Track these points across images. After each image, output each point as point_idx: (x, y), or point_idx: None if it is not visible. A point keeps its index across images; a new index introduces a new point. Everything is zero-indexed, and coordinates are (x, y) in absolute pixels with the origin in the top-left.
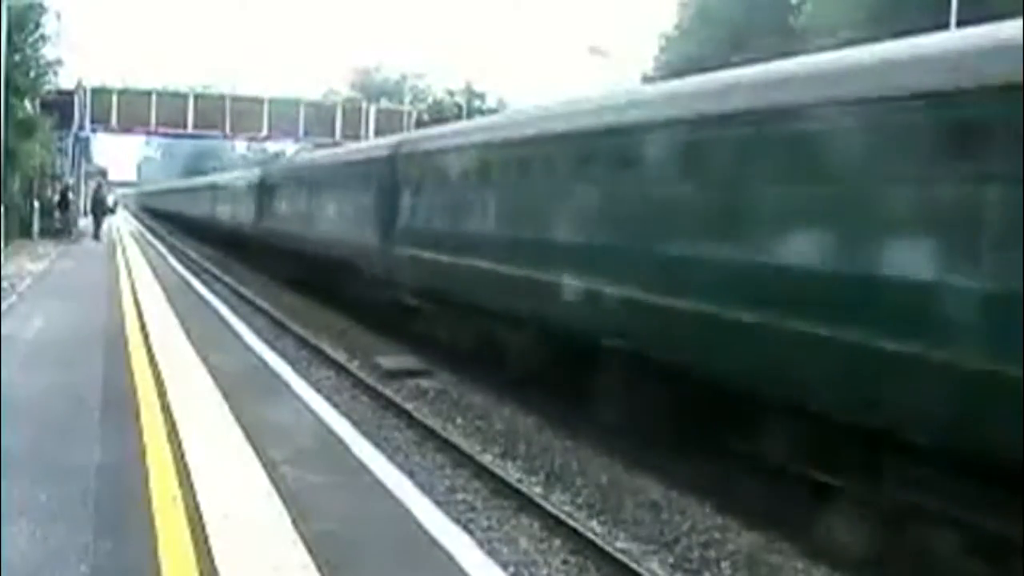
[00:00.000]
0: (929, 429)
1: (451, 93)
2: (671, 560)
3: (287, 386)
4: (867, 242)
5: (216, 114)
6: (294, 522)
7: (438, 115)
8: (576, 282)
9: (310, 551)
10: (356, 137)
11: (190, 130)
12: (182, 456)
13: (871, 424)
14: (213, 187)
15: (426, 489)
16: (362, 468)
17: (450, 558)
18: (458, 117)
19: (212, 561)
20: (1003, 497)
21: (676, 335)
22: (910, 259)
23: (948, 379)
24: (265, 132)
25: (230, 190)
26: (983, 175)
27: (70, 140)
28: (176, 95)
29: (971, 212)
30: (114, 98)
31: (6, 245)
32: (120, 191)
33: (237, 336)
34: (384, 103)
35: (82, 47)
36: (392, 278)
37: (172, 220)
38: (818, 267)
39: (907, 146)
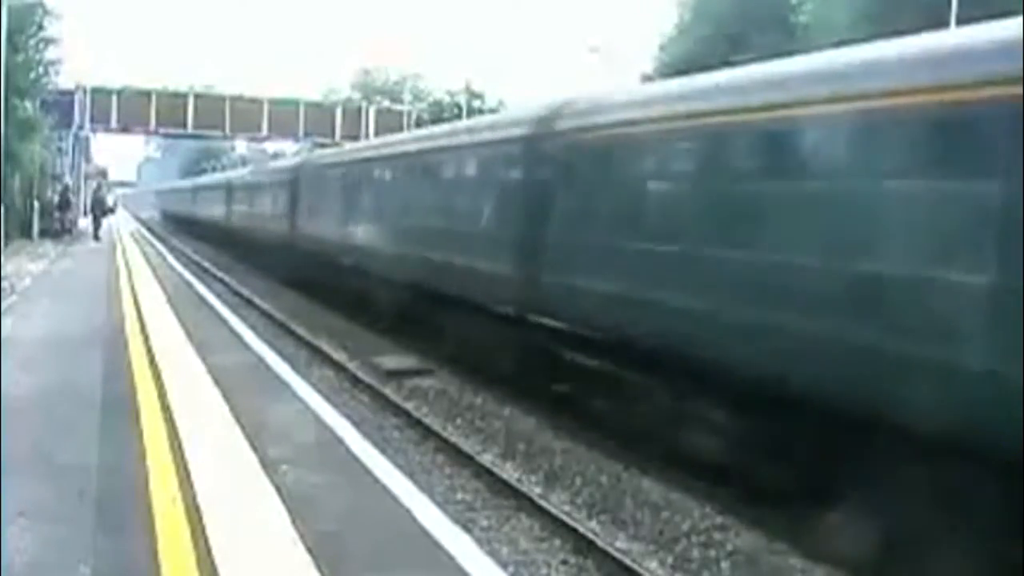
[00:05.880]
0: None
1: (451, 93)
2: (671, 560)
3: (287, 386)
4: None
5: (216, 114)
6: (294, 522)
7: (438, 115)
8: None
9: (310, 551)
10: (356, 137)
11: (190, 130)
12: (182, 456)
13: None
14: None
15: (426, 489)
16: (362, 468)
17: (450, 558)
18: (457, 117)
19: (212, 562)
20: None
21: None
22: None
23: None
24: (265, 132)
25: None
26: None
27: (70, 140)
28: (176, 95)
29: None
30: (114, 98)
31: (6, 245)
32: (120, 191)
33: (237, 336)
34: (384, 103)
35: (82, 47)
36: None
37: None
38: None
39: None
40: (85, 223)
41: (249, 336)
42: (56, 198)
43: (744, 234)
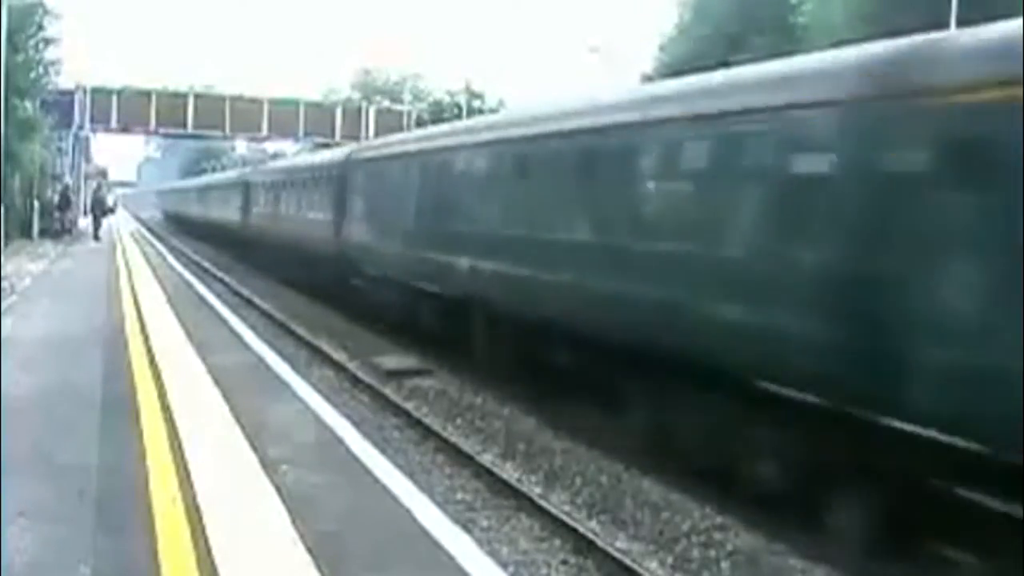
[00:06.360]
0: None
1: (451, 93)
2: (671, 560)
3: (287, 386)
4: None
5: (216, 114)
6: (294, 522)
7: (438, 115)
8: None
9: (310, 551)
10: (356, 137)
11: (190, 130)
12: (182, 456)
13: None
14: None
15: (426, 489)
16: (362, 468)
17: (450, 558)
18: (457, 117)
19: (212, 562)
20: None
21: None
22: None
23: None
24: (265, 132)
25: None
26: None
27: (70, 140)
28: (176, 95)
29: None
30: (114, 98)
31: (6, 245)
32: (120, 191)
33: (237, 336)
34: (384, 103)
35: (82, 47)
36: None
37: None
38: None
39: None
40: (85, 223)
41: (249, 336)
42: (56, 198)
43: None
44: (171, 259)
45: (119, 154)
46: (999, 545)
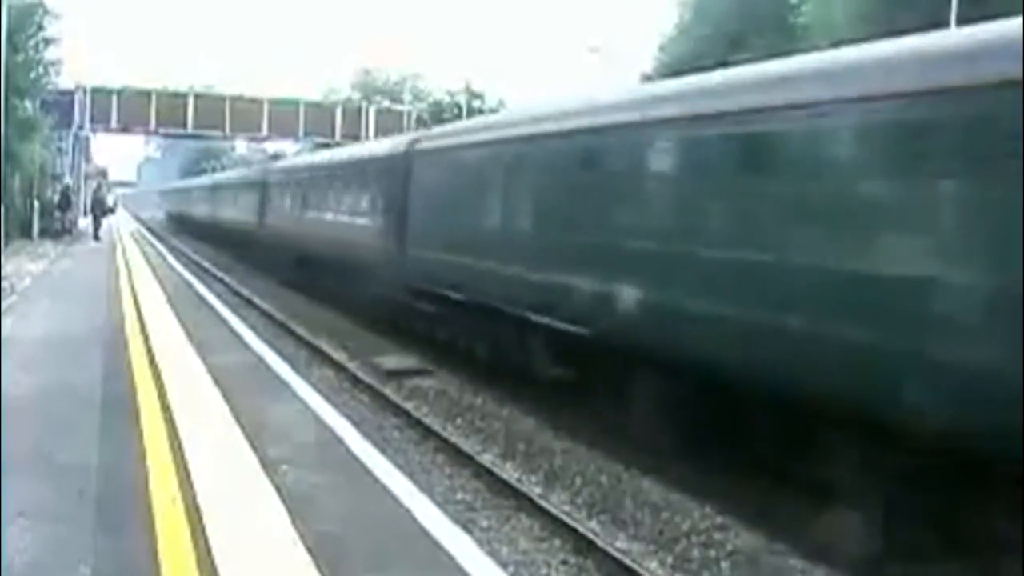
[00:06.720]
0: None
1: (451, 93)
2: (671, 560)
3: (287, 386)
4: None
5: (216, 114)
6: (294, 522)
7: (438, 115)
8: None
9: (310, 551)
10: (356, 137)
11: (190, 130)
12: (182, 456)
13: None
14: None
15: (426, 489)
16: (362, 468)
17: (450, 558)
18: (457, 117)
19: (212, 562)
20: None
21: None
22: None
23: None
24: (265, 132)
25: None
26: None
27: (70, 140)
28: (176, 95)
29: None
30: (114, 98)
31: (6, 245)
32: (120, 191)
33: (237, 336)
34: (384, 103)
35: (82, 47)
36: None
37: None
38: None
39: None
40: (85, 223)
41: (249, 336)
42: (56, 198)
43: None
44: (171, 259)
45: (119, 154)
46: None
